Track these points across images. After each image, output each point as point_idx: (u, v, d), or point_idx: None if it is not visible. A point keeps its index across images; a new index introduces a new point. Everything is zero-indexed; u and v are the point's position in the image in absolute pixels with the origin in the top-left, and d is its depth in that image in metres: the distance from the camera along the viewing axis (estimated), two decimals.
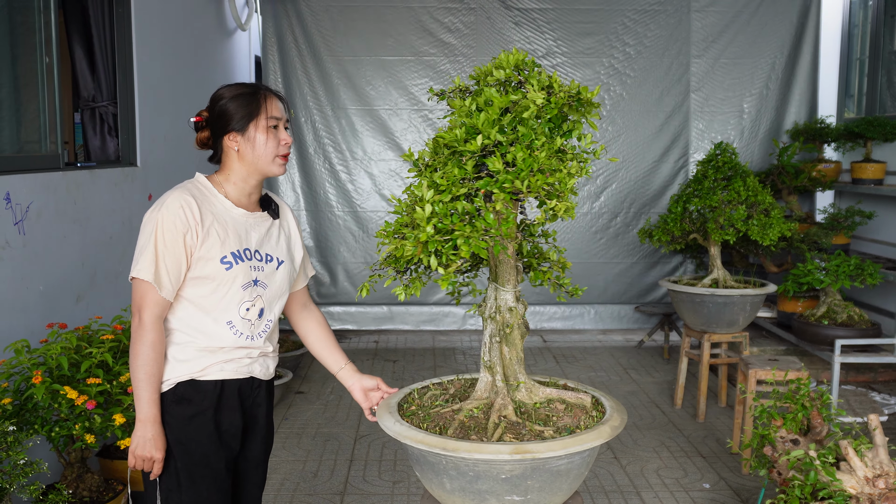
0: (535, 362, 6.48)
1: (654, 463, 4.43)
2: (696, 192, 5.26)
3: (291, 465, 4.38)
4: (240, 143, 2.28)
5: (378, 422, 2.27)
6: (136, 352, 2.20)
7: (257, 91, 2.31)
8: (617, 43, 7.12)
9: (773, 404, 3.37)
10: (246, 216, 2.32)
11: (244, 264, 2.29)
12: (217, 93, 2.33)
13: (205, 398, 2.28)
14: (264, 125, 2.28)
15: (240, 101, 2.27)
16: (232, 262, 2.26)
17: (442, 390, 2.50)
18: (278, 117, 2.31)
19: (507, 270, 2.30)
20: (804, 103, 7.25)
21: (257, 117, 2.27)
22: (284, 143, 2.32)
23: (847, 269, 5.05)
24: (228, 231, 2.27)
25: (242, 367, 2.34)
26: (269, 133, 2.29)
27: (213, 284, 2.25)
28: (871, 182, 6.25)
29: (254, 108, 2.27)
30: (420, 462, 2.16)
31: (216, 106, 2.30)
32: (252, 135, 2.27)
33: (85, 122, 4.83)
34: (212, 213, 2.26)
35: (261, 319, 2.36)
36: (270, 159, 2.30)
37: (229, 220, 2.29)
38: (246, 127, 2.27)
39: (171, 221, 2.18)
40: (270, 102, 2.30)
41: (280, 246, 2.42)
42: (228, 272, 2.25)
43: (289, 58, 7.06)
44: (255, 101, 2.28)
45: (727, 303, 4.96)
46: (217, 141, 2.32)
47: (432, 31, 7.04)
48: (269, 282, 2.37)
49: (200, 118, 2.34)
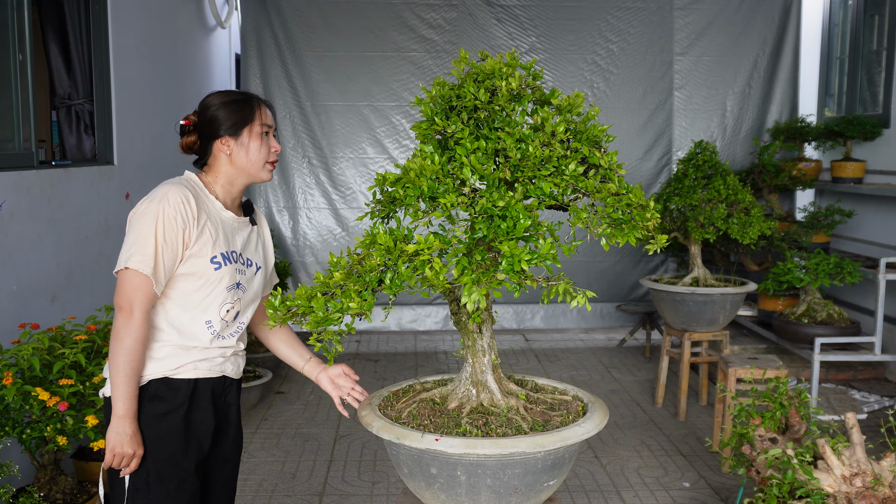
0: (517, 361, 6.48)
1: (635, 462, 4.43)
2: (676, 191, 5.26)
3: (270, 466, 4.35)
4: (232, 147, 2.32)
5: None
6: (123, 346, 2.17)
7: (251, 98, 2.37)
8: (600, 40, 7.12)
9: (752, 403, 3.37)
10: (233, 220, 2.36)
11: (231, 266, 2.31)
12: (207, 99, 2.37)
13: (177, 396, 2.28)
14: (258, 131, 2.33)
15: (234, 107, 2.32)
16: (221, 263, 2.29)
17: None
18: (270, 125, 2.38)
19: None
20: (786, 102, 7.28)
21: (251, 123, 2.33)
22: (274, 150, 2.39)
23: (827, 268, 5.06)
24: (219, 232, 2.31)
25: (216, 365, 2.35)
26: (261, 139, 2.34)
27: (200, 283, 2.26)
28: (851, 181, 6.27)
29: (248, 114, 2.33)
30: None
31: (207, 112, 2.33)
32: (245, 140, 2.32)
33: (61, 119, 4.76)
34: (206, 212, 2.28)
35: (235, 321, 2.38)
36: (261, 165, 2.36)
37: (220, 221, 2.32)
38: (240, 132, 2.32)
39: (173, 216, 2.19)
40: (263, 110, 2.37)
41: (258, 252, 2.46)
42: (217, 272, 2.27)
43: (269, 54, 7.00)
44: (248, 107, 2.34)
45: (707, 301, 4.96)
46: (206, 145, 2.35)
47: (414, 27, 7.01)
48: (248, 286, 2.40)
49: (189, 122, 2.36)
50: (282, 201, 7.18)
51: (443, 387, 2.43)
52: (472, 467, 2.04)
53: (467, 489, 2.07)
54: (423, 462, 2.09)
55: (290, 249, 7.19)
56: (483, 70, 2.23)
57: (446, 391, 2.37)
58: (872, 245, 6.10)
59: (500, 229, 2.01)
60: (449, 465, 2.05)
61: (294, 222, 7.18)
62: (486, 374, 2.33)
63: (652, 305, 6.79)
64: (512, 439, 2.04)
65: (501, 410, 2.25)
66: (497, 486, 2.06)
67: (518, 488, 2.08)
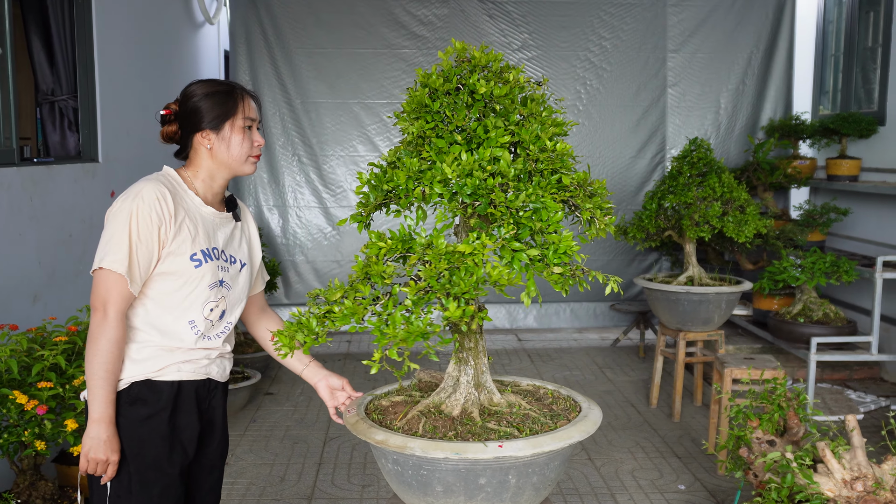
0: (510, 362, 6.40)
1: (629, 464, 4.36)
2: (670, 189, 5.19)
3: (258, 470, 4.26)
4: (213, 141, 2.23)
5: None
6: (97, 348, 2.10)
7: (234, 90, 2.27)
8: (593, 36, 7.05)
9: (749, 404, 3.30)
10: (214, 215, 2.27)
11: (212, 263, 2.23)
12: (189, 89, 2.26)
13: (160, 399, 2.20)
14: (240, 125, 2.25)
15: (216, 99, 2.22)
16: (202, 260, 2.20)
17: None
18: (253, 118, 2.28)
19: None
20: (780, 99, 7.22)
21: (234, 117, 2.24)
22: (258, 144, 2.30)
23: (823, 267, 5.00)
24: (199, 228, 2.22)
25: (200, 367, 2.27)
26: (244, 133, 2.25)
27: (181, 281, 2.19)
28: (847, 178, 6.22)
29: (230, 108, 2.23)
30: None
31: (189, 102, 2.23)
32: (227, 134, 2.24)
33: (44, 116, 4.66)
34: (184, 209, 2.19)
35: (221, 321, 2.30)
36: (244, 159, 2.27)
37: (199, 217, 2.23)
38: (221, 126, 2.23)
39: (147, 213, 2.11)
40: (247, 103, 2.28)
41: (242, 248, 2.38)
42: (197, 270, 2.19)
43: (258, 51, 6.91)
44: (231, 99, 2.24)
45: (702, 301, 4.89)
46: (187, 137, 2.25)
47: (405, 23, 6.92)
48: (233, 284, 2.32)
49: (169, 111, 2.27)
50: (271, 199, 7.08)
51: (434, 393, 2.35)
52: (524, 467, 1.98)
53: (514, 492, 2.01)
54: (473, 474, 1.96)
55: (280, 248, 7.09)
56: (479, 62, 2.21)
57: (440, 399, 2.28)
58: (868, 243, 6.05)
59: (542, 222, 1.96)
60: (502, 471, 1.96)
61: (284, 221, 7.08)
62: (486, 375, 2.27)
63: (646, 305, 6.73)
64: (564, 430, 2.04)
65: (514, 409, 2.20)
66: (540, 482, 2.04)
67: (554, 480, 2.09)
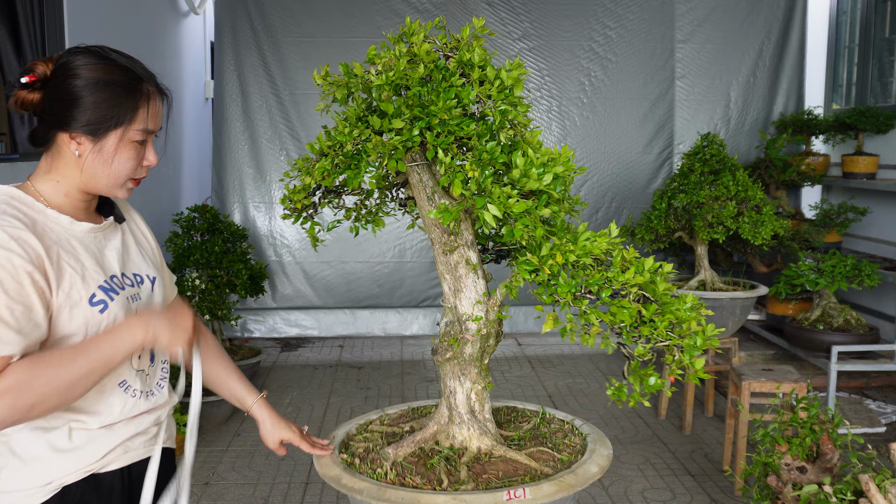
0: (510, 369, 6.09)
1: (639, 483, 4.06)
2: (681, 188, 4.89)
3: (240, 490, 3.95)
4: (87, 150, 1.61)
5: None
6: (42, 389, 1.46)
7: (139, 85, 1.64)
8: (597, 26, 6.72)
9: (777, 427, 3.01)
10: (93, 231, 1.68)
11: (120, 297, 1.66)
12: (72, 62, 1.61)
13: (112, 498, 1.68)
14: (133, 138, 1.64)
15: (108, 94, 1.60)
16: (105, 300, 1.62)
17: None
18: (152, 130, 1.67)
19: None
20: (792, 93, 6.91)
21: (127, 125, 1.62)
22: (147, 164, 1.69)
23: (843, 270, 4.70)
24: (82, 258, 1.62)
25: (149, 439, 1.75)
26: (134, 149, 1.65)
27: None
28: (864, 176, 5.92)
29: (126, 110, 1.62)
30: None
31: (67, 81, 1.59)
32: (110, 147, 1.62)
33: (11, 110, 4.33)
34: (53, 241, 1.58)
35: (154, 364, 1.78)
36: (121, 182, 1.67)
37: (76, 242, 1.63)
38: (104, 134, 1.61)
39: (9, 266, 1.47)
40: (152, 106, 1.66)
41: (143, 257, 1.80)
42: (105, 314, 1.61)
43: (244, 41, 6.57)
44: (131, 99, 1.62)
45: (715, 306, 4.59)
46: (49, 130, 1.63)
47: (399, 10, 6.58)
48: (150, 310, 1.75)
49: (35, 77, 1.61)
50: (257, 197, 6.74)
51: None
52: None
53: None
54: None
55: (267, 249, 6.75)
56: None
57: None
58: (887, 244, 5.74)
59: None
60: None
61: (271, 219, 6.75)
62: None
63: None
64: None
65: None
66: None
67: None
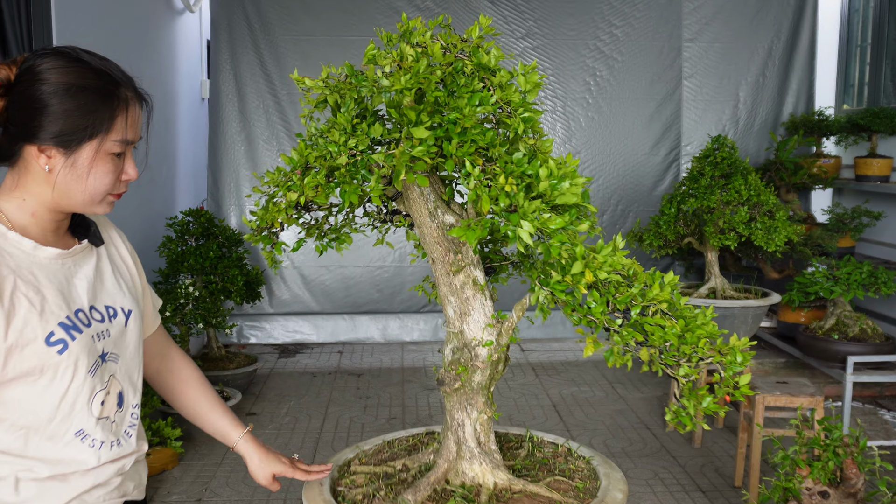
0: (514, 376, 5.93)
1: (649, 500, 3.90)
2: (691, 192, 4.73)
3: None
4: (58, 164, 1.43)
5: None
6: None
7: (115, 90, 1.46)
8: (603, 24, 6.56)
9: (798, 449, 2.85)
10: (61, 257, 1.49)
11: (83, 335, 1.47)
12: (38, 65, 1.42)
13: None
14: (110, 149, 1.46)
15: (80, 101, 1.42)
16: (65, 339, 1.44)
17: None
18: (131, 140, 1.49)
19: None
20: (802, 93, 6.74)
21: (103, 136, 1.44)
22: (126, 178, 1.51)
23: (859, 278, 4.54)
24: (43, 289, 1.43)
25: (111, 491, 1.56)
26: (112, 163, 1.47)
27: (43, 381, 1.43)
28: (877, 179, 5.75)
29: (101, 121, 1.43)
30: None
31: (33, 88, 1.40)
32: (84, 160, 1.44)
33: None
34: (11, 270, 1.41)
35: (123, 409, 1.58)
36: (99, 199, 1.48)
37: (38, 271, 1.45)
38: (78, 146, 1.42)
39: None
40: (131, 113, 1.48)
41: (120, 287, 1.61)
42: (63, 356, 1.43)
43: (241, 39, 6.40)
44: (107, 108, 1.44)
45: (727, 315, 4.44)
46: (14, 142, 1.43)
47: (399, 8, 6.41)
48: (120, 350, 1.57)
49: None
50: (254, 199, 6.59)
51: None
52: None
53: None
54: None
55: (263, 254, 6.59)
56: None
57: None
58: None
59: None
60: None
61: None
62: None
63: None
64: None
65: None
66: None
67: None
